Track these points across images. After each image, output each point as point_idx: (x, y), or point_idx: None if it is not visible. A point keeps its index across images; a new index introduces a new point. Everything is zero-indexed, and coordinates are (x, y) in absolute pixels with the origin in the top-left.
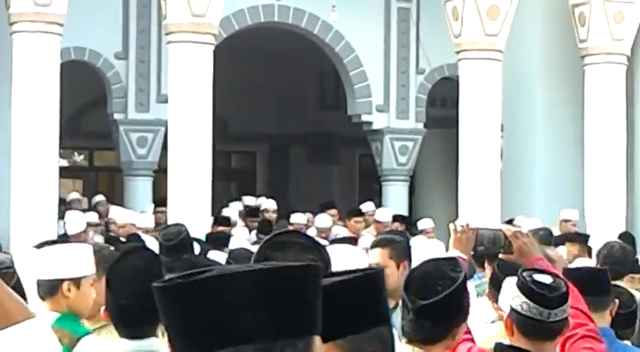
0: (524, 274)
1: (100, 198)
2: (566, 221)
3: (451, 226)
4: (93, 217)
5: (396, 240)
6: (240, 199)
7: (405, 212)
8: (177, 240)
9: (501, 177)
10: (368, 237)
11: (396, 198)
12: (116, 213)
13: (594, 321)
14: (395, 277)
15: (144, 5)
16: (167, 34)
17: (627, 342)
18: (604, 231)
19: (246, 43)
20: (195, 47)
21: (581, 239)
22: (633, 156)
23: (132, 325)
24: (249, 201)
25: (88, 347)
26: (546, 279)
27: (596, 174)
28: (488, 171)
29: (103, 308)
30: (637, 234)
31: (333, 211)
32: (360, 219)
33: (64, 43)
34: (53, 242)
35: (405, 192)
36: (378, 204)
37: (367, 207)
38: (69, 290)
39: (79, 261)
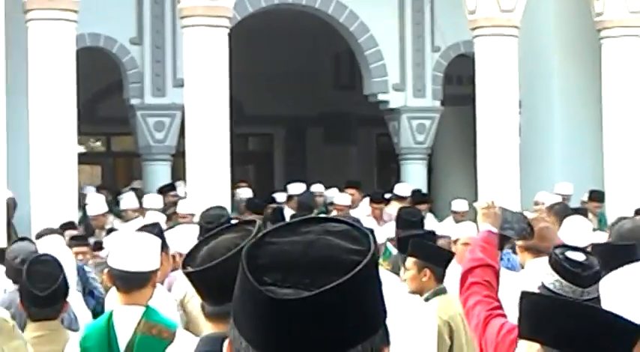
0: (557, 251)
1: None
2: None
3: (476, 205)
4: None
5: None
6: (284, 189)
7: (424, 190)
8: (217, 224)
9: (520, 153)
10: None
11: (414, 177)
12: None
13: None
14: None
15: None
16: (181, 18)
17: None
18: (624, 205)
19: (261, 24)
20: (209, 31)
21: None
22: None
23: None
24: (296, 189)
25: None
26: (579, 257)
27: (615, 148)
28: (506, 147)
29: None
30: None
31: (352, 191)
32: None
33: (79, 30)
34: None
35: (423, 170)
36: (397, 183)
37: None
38: (156, 278)
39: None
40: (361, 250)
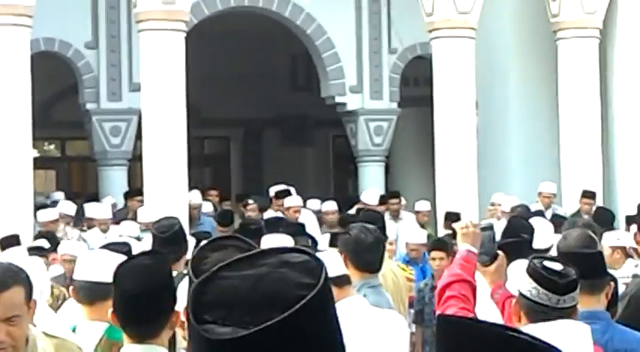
0: (535, 261)
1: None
2: (540, 193)
3: (455, 226)
4: (68, 208)
5: None
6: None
7: (382, 192)
8: (170, 233)
9: (477, 154)
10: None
11: (372, 179)
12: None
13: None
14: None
15: None
16: (138, 22)
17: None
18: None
19: (217, 27)
20: (166, 34)
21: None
22: (608, 130)
23: (139, 321)
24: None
25: None
26: (556, 266)
27: (571, 150)
28: (464, 149)
29: (110, 310)
30: (614, 208)
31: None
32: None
33: (34, 34)
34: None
35: (381, 172)
36: (355, 185)
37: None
38: None
39: None
40: (310, 284)
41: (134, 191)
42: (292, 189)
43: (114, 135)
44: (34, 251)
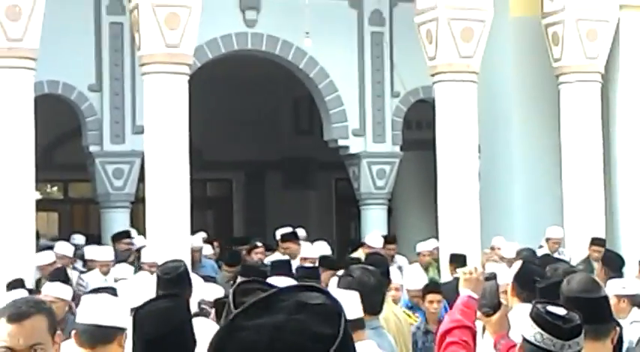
0: (539, 305)
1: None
2: (548, 239)
3: (459, 270)
4: (65, 250)
5: None
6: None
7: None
8: (174, 275)
9: (480, 198)
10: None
11: (374, 222)
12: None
13: None
14: None
15: (116, 36)
16: (141, 65)
17: None
18: (584, 248)
19: (220, 71)
20: (169, 77)
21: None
22: (610, 174)
23: None
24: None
25: None
26: (560, 311)
27: (574, 193)
28: (466, 192)
29: None
30: (618, 249)
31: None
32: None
33: (37, 77)
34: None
35: (384, 215)
36: (357, 228)
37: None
38: (124, 341)
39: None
40: (330, 335)
41: (122, 233)
42: (301, 230)
43: (117, 178)
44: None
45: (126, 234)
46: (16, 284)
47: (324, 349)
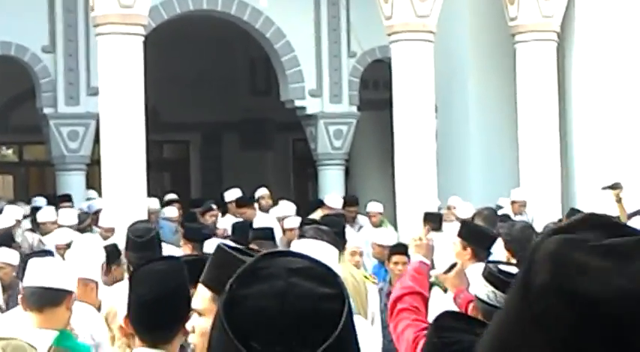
0: (491, 265)
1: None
2: (513, 202)
3: (409, 237)
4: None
5: None
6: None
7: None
8: (147, 238)
9: (437, 157)
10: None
11: (332, 182)
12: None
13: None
14: None
15: None
16: (95, 26)
17: None
18: (540, 209)
19: (176, 31)
20: (124, 39)
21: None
22: (566, 132)
23: (153, 327)
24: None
25: None
26: (513, 269)
27: (530, 152)
28: (423, 152)
29: (124, 316)
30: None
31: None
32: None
33: None
34: None
35: (341, 175)
36: (314, 189)
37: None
38: (72, 303)
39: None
40: (335, 294)
41: (62, 196)
42: (264, 189)
43: (72, 140)
44: None
45: (66, 197)
46: None
47: (337, 309)
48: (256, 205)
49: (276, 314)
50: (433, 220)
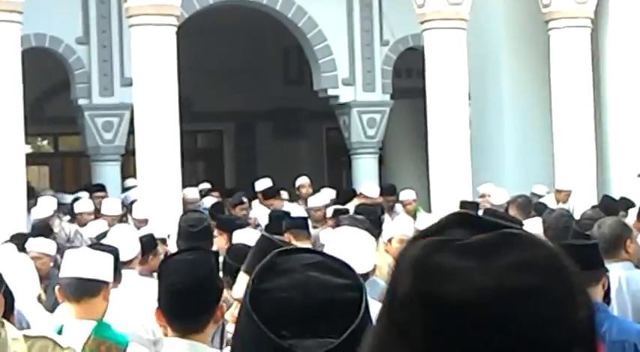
0: None
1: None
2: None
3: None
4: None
5: None
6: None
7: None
8: (201, 227)
9: (470, 144)
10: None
11: (366, 171)
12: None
13: None
14: None
15: None
16: (128, 17)
17: None
18: (575, 196)
19: (208, 21)
20: (157, 29)
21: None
22: (600, 119)
23: (184, 316)
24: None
25: None
26: None
27: (564, 139)
28: (457, 139)
29: (155, 308)
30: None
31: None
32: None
33: (24, 30)
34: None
35: (374, 164)
36: (348, 178)
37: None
38: (109, 294)
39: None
40: (353, 285)
41: (96, 186)
42: (304, 178)
43: (106, 131)
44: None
45: (100, 187)
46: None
47: (355, 297)
48: (285, 195)
49: (300, 304)
50: (470, 209)
